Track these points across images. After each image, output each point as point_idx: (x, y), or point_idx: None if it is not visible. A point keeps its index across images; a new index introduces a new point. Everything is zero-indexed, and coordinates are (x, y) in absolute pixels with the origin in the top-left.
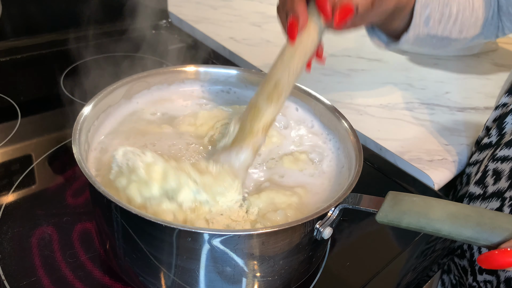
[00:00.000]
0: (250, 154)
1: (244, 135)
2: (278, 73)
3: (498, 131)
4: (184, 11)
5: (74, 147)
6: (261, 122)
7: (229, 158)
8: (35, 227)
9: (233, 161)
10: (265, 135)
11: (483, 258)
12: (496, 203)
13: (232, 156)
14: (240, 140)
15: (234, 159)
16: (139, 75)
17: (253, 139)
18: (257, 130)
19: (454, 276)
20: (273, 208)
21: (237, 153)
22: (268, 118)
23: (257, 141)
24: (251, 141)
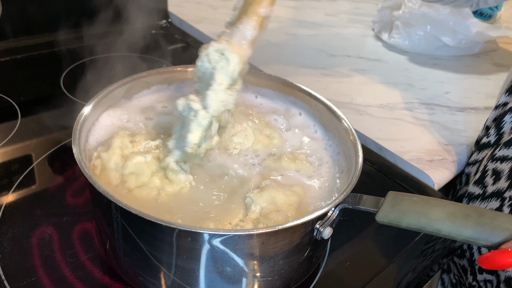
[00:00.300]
0: (253, 25)
1: (248, 4)
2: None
3: (497, 130)
4: (184, 11)
5: (74, 147)
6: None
7: (233, 33)
8: (35, 227)
9: (236, 33)
10: (272, 2)
11: (483, 259)
12: (496, 203)
13: (235, 29)
14: (244, 11)
15: (236, 32)
16: (139, 75)
17: (256, 7)
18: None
19: (454, 276)
20: (275, 208)
21: (239, 25)
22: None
23: (262, 8)
24: (254, 9)
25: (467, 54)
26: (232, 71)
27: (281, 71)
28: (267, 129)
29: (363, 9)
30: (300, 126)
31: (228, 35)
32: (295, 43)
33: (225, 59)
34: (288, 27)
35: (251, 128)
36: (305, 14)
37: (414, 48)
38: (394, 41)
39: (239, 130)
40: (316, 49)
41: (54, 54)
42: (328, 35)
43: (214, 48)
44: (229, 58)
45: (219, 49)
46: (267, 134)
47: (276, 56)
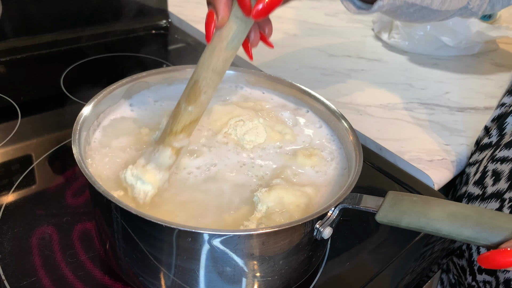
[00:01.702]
0: (168, 155)
1: (166, 134)
2: (198, 72)
3: (499, 131)
4: (184, 11)
5: (74, 147)
6: (180, 123)
7: (150, 156)
8: (35, 227)
9: (153, 159)
10: (187, 136)
11: (483, 258)
12: (495, 204)
13: (152, 154)
14: (162, 139)
15: (153, 158)
16: (139, 75)
17: (172, 140)
18: (176, 131)
19: (453, 276)
20: (281, 209)
21: (156, 152)
22: (187, 119)
23: (177, 142)
24: (170, 141)
25: (467, 54)
26: (145, 196)
27: (281, 71)
28: (279, 124)
29: None
30: (305, 121)
31: (147, 157)
32: (295, 43)
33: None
34: (288, 27)
35: (262, 125)
36: (305, 14)
37: (414, 48)
38: (394, 41)
39: (250, 127)
40: (316, 49)
41: (54, 54)
42: (328, 35)
43: (131, 173)
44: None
45: (135, 174)
46: (279, 130)
47: (276, 56)
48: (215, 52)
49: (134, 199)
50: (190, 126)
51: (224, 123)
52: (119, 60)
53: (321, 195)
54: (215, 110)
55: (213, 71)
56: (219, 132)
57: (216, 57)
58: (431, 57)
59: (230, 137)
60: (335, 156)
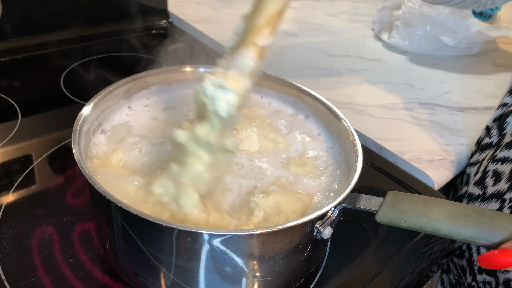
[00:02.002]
0: (251, 56)
1: (246, 34)
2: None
3: (499, 131)
4: (184, 11)
5: (74, 147)
6: (264, 13)
7: (229, 63)
8: (35, 227)
9: (233, 64)
10: (273, 32)
11: (483, 258)
12: (496, 204)
13: (233, 62)
14: (242, 41)
15: (234, 63)
16: (139, 75)
17: (255, 37)
18: (259, 26)
19: (454, 276)
20: (278, 213)
21: (236, 57)
22: (273, 8)
23: (261, 38)
24: (252, 39)
25: (467, 54)
26: (228, 107)
27: (281, 71)
28: (272, 133)
29: (363, 9)
30: (302, 128)
31: (225, 66)
32: (295, 43)
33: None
34: (288, 27)
35: (255, 134)
36: (305, 14)
37: (414, 48)
38: (394, 41)
39: (244, 136)
40: (316, 49)
41: (54, 54)
42: (328, 35)
43: (211, 82)
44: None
45: (215, 83)
46: (272, 139)
47: (276, 56)
48: None
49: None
50: (276, 18)
51: None
52: (119, 60)
53: (317, 201)
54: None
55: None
56: None
57: None
58: (431, 57)
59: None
60: (331, 164)
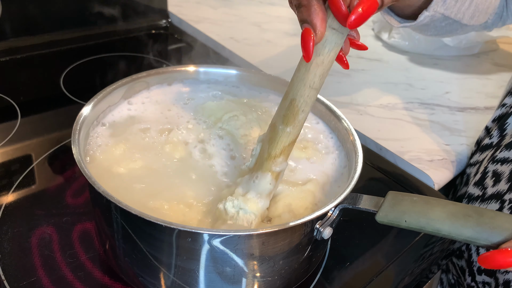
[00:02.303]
0: (269, 180)
1: (263, 159)
2: (294, 90)
3: (500, 132)
4: (184, 11)
5: (73, 147)
6: (279, 145)
7: (248, 184)
8: (35, 227)
9: (252, 187)
10: (286, 159)
11: (483, 258)
12: (496, 205)
13: (251, 182)
14: (259, 165)
15: (253, 186)
16: (138, 75)
17: (271, 164)
18: (275, 155)
19: (453, 276)
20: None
21: (255, 179)
22: (286, 140)
23: (277, 166)
24: (269, 166)
25: (467, 54)
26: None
27: (281, 71)
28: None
29: None
30: None
31: (245, 186)
32: (295, 43)
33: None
34: (288, 27)
35: (256, 120)
36: None
37: (414, 48)
38: (394, 41)
39: (244, 122)
40: None
41: (54, 54)
42: None
43: (232, 204)
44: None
45: (236, 205)
46: None
47: (276, 56)
48: (311, 68)
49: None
50: (289, 147)
51: (218, 118)
52: (119, 60)
53: (323, 192)
54: (208, 107)
55: (310, 87)
56: (214, 126)
57: (313, 73)
58: (431, 57)
59: (225, 131)
60: (331, 151)
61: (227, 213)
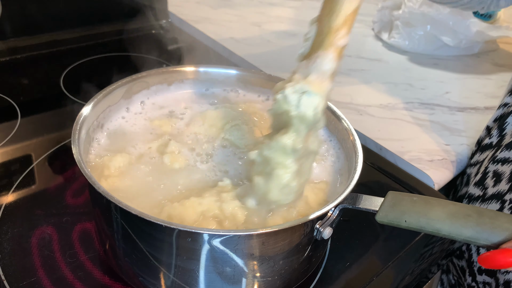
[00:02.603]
0: (331, 58)
1: (322, 36)
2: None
3: (499, 132)
4: (184, 11)
5: (73, 147)
6: (341, 14)
7: (308, 67)
8: (35, 227)
9: (313, 69)
10: (349, 30)
11: (484, 258)
12: (496, 205)
13: (311, 64)
14: (319, 44)
15: (314, 67)
16: (138, 75)
17: (333, 38)
18: (337, 26)
19: (453, 276)
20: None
21: (316, 59)
22: (350, 7)
23: (340, 39)
24: (331, 41)
25: (467, 54)
26: (315, 110)
27: (281, 71)
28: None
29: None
30: None
31: (303, 71)
32: (295, 43)
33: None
34: (288, 27)
35: (258, 128)
36: (305, 14)
37: (414, 48)
38: (394, 41)
39: (246, 131)
40: None
41: (54, 54)
42: None
43: (294, 89)
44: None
45: (298, 89)
46: None
47: (276, 56)
48: None
49: None
50: (352, 16)
51: (219, 129)
52: (119, 60)
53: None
54: (209, 116)
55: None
56: (217, 137)
57: None
58: (431, 57)
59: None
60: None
61: (288, 101)
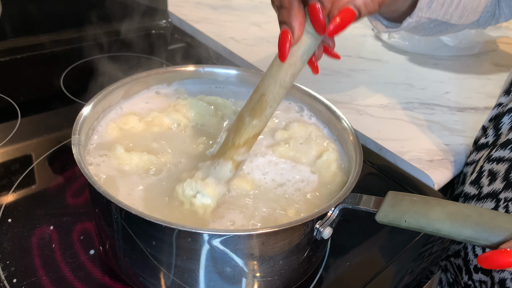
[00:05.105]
0: (229, 168)
1: (227, 147)
2: (264, 86)
3: (495, 131)
4: (184, 11)
5: (73, 147)
6: (243, 136)
7: (209, 169)
8: (35, 227)
9: (212, 173)
10: (248, 150)
11: (483, 258)
12: (491, 204)
13: (212, 168)
14: (222, 153)
15: (213, 172)
16: (138, 75)
17: (234, 153)
18: (238, 145)
19: (451, 275)
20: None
21: (216, 166)
22: (251, 132)
23: (239, 155)
24: (231, 155)
25: (467, 54)
26: (205, 212)
27: None
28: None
29: None
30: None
31: (205, 171)
32: None
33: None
34: None
35: None
36: None
37: (414, 48)
38: (394, 41)
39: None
40: None
41: (54, 54)
42: None
43: (190, 187)
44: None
45: (194, 187)
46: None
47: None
48: (284, 67)
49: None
50: (253, 139)
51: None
52: (119, 60)
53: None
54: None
55: (280, 85)
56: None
57: (285, 72)
58: (431, 57)
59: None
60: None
61: (184, 195)
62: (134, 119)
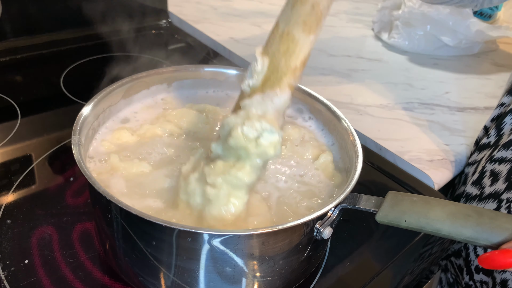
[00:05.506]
0: (288, 96)
1: (279, 74)
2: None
3: (497, 131)
4: (184, 11)
5: (73, 147)
6: (300, 56)
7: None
8: (35, 227)
9: (271, 107)
10: (302, 71)
11: (484, 258)
12: (493, 204)
13: (268, 101)
14: (275, 81)
15: (271, 105)
16: (138, 75)
17: (291, 78)
18: (295, 67)
19: (451, 275)
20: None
21: (274, 98)
22: (307, 50)
23: (296, 80)
24: (289, 81)
25: (467, 54)
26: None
27: None
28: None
29: (363, 9)
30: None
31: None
32: None
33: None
34: None
35: None
36: None
37: (414, 48)
38: (394, 41)
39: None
40: (316, 49)
41: (54, 54)
42: (328, 35)
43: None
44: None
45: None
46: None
47: None
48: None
49: None
50: (307, 58)
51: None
52: (119, 60)
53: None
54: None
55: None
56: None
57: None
58: (431, 57)
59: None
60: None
61: (249, 139)
62: (126, 133)
